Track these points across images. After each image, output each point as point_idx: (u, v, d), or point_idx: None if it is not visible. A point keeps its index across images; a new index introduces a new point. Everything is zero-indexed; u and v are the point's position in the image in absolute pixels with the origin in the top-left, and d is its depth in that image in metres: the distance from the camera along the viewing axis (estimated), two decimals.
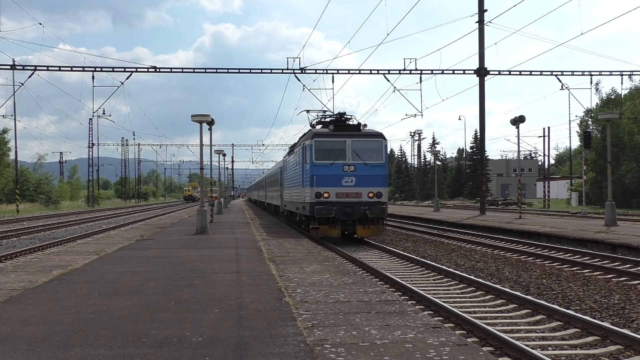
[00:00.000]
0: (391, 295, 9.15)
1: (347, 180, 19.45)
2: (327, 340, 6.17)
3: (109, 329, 6.75)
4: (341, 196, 19.39)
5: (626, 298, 11.08)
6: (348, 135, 20.21)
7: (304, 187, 20.86)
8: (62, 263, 13.93)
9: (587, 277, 13.74)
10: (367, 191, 19.54)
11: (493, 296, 11.25)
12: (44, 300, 8.76)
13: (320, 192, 19.37)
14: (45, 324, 7.05)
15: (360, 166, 19.59)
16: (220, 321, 7.10)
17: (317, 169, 19.65)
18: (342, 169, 19.50)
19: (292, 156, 26.72)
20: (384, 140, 20.62)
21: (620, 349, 7.58)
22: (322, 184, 19.42)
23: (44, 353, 5.74)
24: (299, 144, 23.95)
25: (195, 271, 11.76)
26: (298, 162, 22.96)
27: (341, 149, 19.82)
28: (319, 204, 19.27)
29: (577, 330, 8.54)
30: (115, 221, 40.70)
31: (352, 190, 19.47)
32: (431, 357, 5.57)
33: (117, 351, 5.78)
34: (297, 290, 9.42)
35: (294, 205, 25.36)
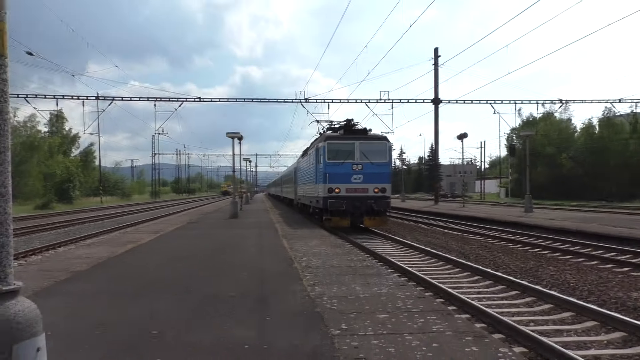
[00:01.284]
0: (370, 262, 9.16)
1: (356, 177, 17.20)
2: (324, 294, 6.19)
3: (168, 286, 6.78)
4: (351, 191, 17.12)
5: (539, 264, 11.10)
6: (356, 138, 17.88)
7: (318, 184, 18.32)
8: (134, 239, 13.92)
9: (511, 249, 13.76)
10: (373, 187, 17.27)
11: (444, 262, 11.26)
12: (121, 265, 8.79)
13: (332, 188, 17.07)
14: (121, 283, 7.08)
15: (367, 165, 17.31)
16: (248, 281, 7.12)
17: (329, 167, 17.29)
18: (351, 168, 17.25)
19: (305, 158, 23.90)
20: (387, 142, 18.26)
21: (534, 300, 7.60)
22: (334, 180, 17.15)
23: (121, 303, 5.76)
24: (312, 146, 21.44)
25: (229, 245, 11.79)
26: (312, 162, 20.17)
27: (350, 150, 17.52)
28: (331, 198, 16.98)
29: (503, 287, 8.56)
30: (171, 209, 40.63)
31: (360, 186, 17.20)
32: (399, 305, 5.58)
33: (174, 302, 5.80)
34: (303, 259, 9.42)
35: (307, 199, 22.52)
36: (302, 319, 5.02)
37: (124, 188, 79.15)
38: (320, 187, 17.81)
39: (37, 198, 44.14)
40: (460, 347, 4.11)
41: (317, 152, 18.63)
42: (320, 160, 18.00)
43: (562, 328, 6.15)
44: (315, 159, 18.92)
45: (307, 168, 21.94)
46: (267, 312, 5.29)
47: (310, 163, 20.89)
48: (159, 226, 19.71)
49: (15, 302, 2.34)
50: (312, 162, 19.79)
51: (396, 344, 4.20)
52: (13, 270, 2.40)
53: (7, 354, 2.25)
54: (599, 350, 5.35)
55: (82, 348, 4.16)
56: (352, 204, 16.92)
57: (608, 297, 7.80)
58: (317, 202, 18.61)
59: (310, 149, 21.53)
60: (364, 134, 18.35)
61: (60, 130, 62.38)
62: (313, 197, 19.89)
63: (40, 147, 49.40)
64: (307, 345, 4.20)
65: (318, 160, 18.37)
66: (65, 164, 53.18)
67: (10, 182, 2.40)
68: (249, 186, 62.58)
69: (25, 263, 11.02)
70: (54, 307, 5.58)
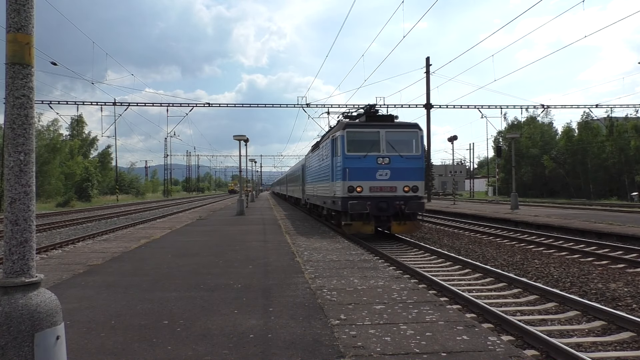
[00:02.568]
0: (367, 256, 9.13)
1: (382, 173, 13.49)
2: (324, 286, 6.17)
3: (178, 279, 6.75)
4: (375, 190, 13.51)
5: (525, 257, 11.08)
6: (382, 126, 13.93)
7: (335, 181, 14.51)
8: (147, 235, 13.90)
9: (499, 244, 13.73)
10: (403, 185, 13.58)
11: (436, 257, 11.23)
12: (135, 259, 8.77)
13: (353, 186, 13.46)
14: (135, 275, 7.06)
15: (395, 158, 13.59)
16: (253, 274, 7.10)
17: (349, 161, 13.58)
18: (375, 162, 13.54)
19: (316, 152, 19.42)
20: (419, 130, 14.27)
21: (521, 291, 7.58)
22: (355, 177, 13.52)
23: (135, 295, 5.74)
24: (326, 137, 16.91)
25: (236, 240, 11.76)
26: (325, 156, 16.15)
27: (375, 140, 13.78)
28: (352, 198, 13.35)
29: (492, 279, 8.54)
30: (182, 207, 40.61)
31: (386, 184, 13.54)
32: (394, 297, 5.56)
33: (184, 294, 5.77)
34: (305, 253, 9.40)
35: (319, 199, 18.34)
36: (303, 310, 5.00)
37: (138, 187, 79.15)
38: (337, 186, 14.11)
39: (58, 196, 44.20)
40: (452, 336, 4.09)
41: (333, 144, 14.86)
42: (337, 153, 14.21)
43: (546, 317, 6.13)
44: (331, 151, 15.07)
45: (320, 163, 17.87)
46: (270, 304, 5.27)
47: (323, 157, 16.93)
48: (170, 223, 19.70)
49: (37, 293, 2.34)
50: (327, 156, 15.82)
51: (392, 333, 4.18)
52: (35, 264, 2.39)
53: (29, 342, 2.24)
54: (580, 338, 5.33)
55: (99, 336, 4.15)
56: (378, 206, 13.37)
57: (589, 288, 7.78)
58: (333, 203, 14.84)
59: (324, 140, 17.29)
60: (391, 120, 14.50)
61: (80, 133, 62.71)
62: (327, 197, 15.96)
63: (61, 149, 49.51)
64: (308, 334, 4.18)
65: (335, 152, 14.67)
66: (85, 165, 53.21)
67: (34, 181, 2.40)
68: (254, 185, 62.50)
69: (46, 257, 11.01)
70: (73, 298, 5.57)
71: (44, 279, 2.38)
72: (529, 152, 52.08)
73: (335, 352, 3.70)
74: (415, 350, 3.75)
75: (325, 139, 16.70)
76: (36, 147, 2.62)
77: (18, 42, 2.37)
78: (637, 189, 40.65)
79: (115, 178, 61.04)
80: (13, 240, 2.33)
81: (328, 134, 16.57)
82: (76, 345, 3.91)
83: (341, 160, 13.67)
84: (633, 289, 7.60)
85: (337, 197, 14.07)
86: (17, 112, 2.36)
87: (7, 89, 2.36)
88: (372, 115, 14.72)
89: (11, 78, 2.36)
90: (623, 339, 5.23)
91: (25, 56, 2.39)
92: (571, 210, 23.54)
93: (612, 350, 4.95)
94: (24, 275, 2.33)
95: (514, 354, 3.68)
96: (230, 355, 3.68)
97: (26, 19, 2.39)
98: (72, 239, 14.86)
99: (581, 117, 49.37)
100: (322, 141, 17.85)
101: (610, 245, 11.95)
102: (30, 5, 2.41)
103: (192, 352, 3.74)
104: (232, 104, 40.60)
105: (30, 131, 2.38)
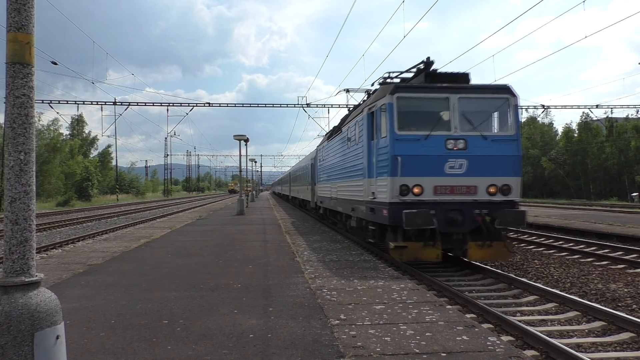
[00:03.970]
0: (367, 256, 9.13)
1: (453, 164, 8.44)
2: (324, 286, 6.16)
3: (178, 278, 6.75)
4: (443, 192, 8.42)
5: (525, 258, 11.06)
6: (452, 89, 8.71)
7: (374, 178, 9.33)
8: (147, 234, 13.91)
9: None
10: (487, 183, 8.54)
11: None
12: (135, 259, 8.77)
13: (408, 186, 8.36)
14: (135, 275, 7.06)
15: (475, 140, 8.52)
16: (253, 273, 7.10)
17: (401, 145, 8.43)
18: (444, 146, 8.45)
19: (336, 138, 13.67)
20: (512, 96, 8.89)
21: (521, 291, 7.56)
22: (411, 170, 8.37)
23: (135, 294, 5.74)
24: (354, 114, 11.44)
25: (235, 240, 11.76)
26: (355, 141, 10.98)
27: (441, 112, 8.77)
28: (406, 205, 8.21)
29: (492, 280, 8.50)
30: (182, 207, 40.60)
31: (461, 181, 8.47)
32: (394, 297, 5.56)
33: (184, 293, 5.77)
34: (305, 253, 9.40)
35: (343, 204, 12.66)
36: (303, 310, 5.00)
37: (139, 187, 79.17)
38: (380, 184, 8.96)
39: (59, 196, 44.22)
40: (451, 336, 4.09)
41: (370, 120, 9.63)
42: (381, 133, 8.97)
43: (546, 318, 6.12)
44: (366, 132, 9.83)
45: (343, 153, 12.56)
46: (270, 303, 5.27)
47: (349, 144, 11.74)
48: (170, 222, 19.71)
49: (36, 293, 2.34)
50: (357, 141, 10.77)
51: (392, 334, 4.18)
52: (35, 263, 2.39)
53: (29, 341, 2.24)
54: (580, 338, 5.33)
55: (99, 336, 4.15)
56: (446, 217, 8.26)
57: (589, 289, 7.77)
58: (370, 211, 9.61)
59: (350, 120, 11.82)
60: (464, 81, 9.16)
61: (81, 133, 62.85)
62: (358, 202, 10.68)
63: (61, 149, 49.57)
64: (308, 334, 4.18)
65: (374, 133, 9.43)
66: (85, 164, 53.22)
67: (35, 181, 2.40)
68: (254, 185, 62.51)
69: (46, 256, 11.01)
70: (73, 298, 5.57)
71: (44, 278, 2.38)
72: (529, 152, 52.11)
73: (335, 352, 3.70)
74: (415, 351, 3.75)
75: (354, 116, 11.41)
76: (36, 146, 2.62)
77: (18, 41, 2.37)
78: (637, 189, 40.68)
79: (115, 178, 61.06)
80: (13, 239, 2.33)
81: (358, 110, 11.31)
82: (76, 344, 3.90)
83: (388, 144, 8.43)
84: (633, 290, 7.59)
85: (378, 202, 8.95)
86: (17, 112, 2.36)
87: (7, 89, 2.36)
88: (434, 75, 9.17)
89: (11, 77, 2.36)
90: (623, 339, 5.22)
91: (26, 55, 2.39)
92: (571, 211, 23.53)
93: (612, 351, 4.95)
94: (24, 275, 2.33)
95: (514, 354, 3.68)
96: (230, 355, 3.67)
97: (26, 19, 2.39)
98: (72, 238, 14.86)
99: (581, 117, 49.43)
100: (347, 122, 12.39)
101: (610, 245, 11.95)
102: (31, 4, 2.41)
103: (192, 352, 3.73)
104: (233, 103, 40.77)
105: (30, 130, 2.39)
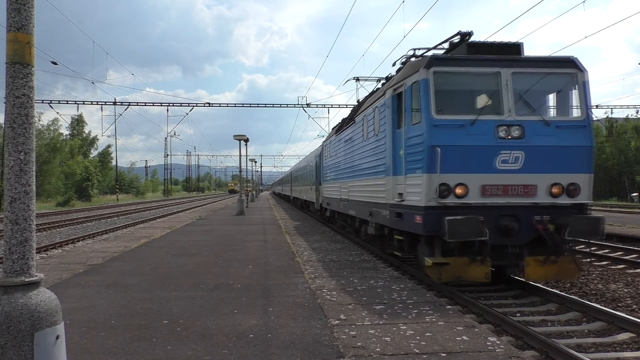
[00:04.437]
0: (367, 256, 9.13)
1: (507, 157, 6.21)
2: (324, 286, 6.17)
3: (178, 278, 6.76)
4: (494, 193, 6.26)
5: None
6: (505, 62, 6.56)
7: (401, 175, 7.21)
8: (147, 234, 13.91)
9: None
10: (551, 181, 6.34)
11: None
12: (134, 259, 8.77)
13: (450, 185, 6.21)
14: (135, 275, 7.06)
15: (535, 127, 6.34)
16: (253, 273, 7.10)
17: (441, 132, 6.25)
18: (494, 134, 6.25)
19: (348, 131, 11.37)
20: (579, 71, 6.67)
21: (521, 292, 7.55)
22: (452, 165, 6.18)
23: (135, 294, 5.74)
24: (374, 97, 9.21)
25: (236, 240, 11.76)
26: (374, 131, 8.77)
27: (490, 91, 6.57)
28: (447, 209, 6.17)
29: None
30: (182, 207, 40.59)
31: (517, 179, 6.27)
32: (394, 297, 5.57)
33: (184, 293, 5.78)
34: (305, 253, 9.40)
35: (356, 207, 10.61)
36: (303, 310, 5.00)
37: (139, 187, 79.22)
38: (410, 183, 6.91)
39: (59, 196, 44.24)
40: (451, 337, 4.09)
41: (395, 104, 7.59)
42: (414, 117, 6.92)
43: (546, 318, 6.12)
44: (390, 119, 7.76)
45: (356, 148, 10.46)
46: (270, 304, 5.27)
47: (365, 136, 9.56)
48: (170, 222, 19.71)
49: (36, 293, 2.34)
50: (377, 131, 8.60)
51: (392, 334, 4.18)
52: (35, 263, 2.40)
53: (28, 341, 2.24)
54: (580, 338, 5.32)
55: (99, 336, 4.15)
56: (497, 225, 6.40)
57: (589, 289, 7.77)
58: (394, 216, 7.59)
59: (367, 107, 9.49)
60: (516, 52, 7.03)
61: (81, 133, 62.87)
62: (376, 205, 8.70)
63: (61, 149, 49.58)
64: (308, 334, 4.18)
65: (401, 119, 7.35)
66: (85, 164, 53.22)
67: (34, 181, 2.41)
68: (254, 185, 62.51)
69: (46, 256, 11.01)
70: (73, 298, 5.57)
71: (44, 278, 2.38)
72: None
73: (335, 352, 3.70)
74: (415, 351, 3.75)
75: (371, 102, 9.21)
76: (36, 146, 2.62)
77: (18, 41, 2.37)
78: (637, 189, 40.69)
79: (115, 178, 61.05)
80: (13, 239, 2.33)
81: (376, 95, 9.02)
82: (76, 344, 3.91)
83: (424, 131, 6.41)
84: (633, 290, 7.60)
85: (408, 205, 6.93)
86: (17, 112, 2.36)
87: (7, 88, 2.37)
88: (478, 45, 7.01)
89: (11, 77, 2.36)
90: (623, 339, 5.22)
91: (26, 55, 2.39)
92: None
93: (612, 351, 4.95)
94: (24, 275, 2.33)
95: (514, 354, 3.68)
96: (230, 355, 3.68)
97: (27, 18, 2.39)
98: (72, 238, 14.86)
99: None
100: (361, 111, 10.11)
101: (610, 245, 11.94)
102: (31, 4, 2.41)
103: (192, 352, 3.74)
104: (233, 103, 40.77)
105: (30, 130, 2.39)
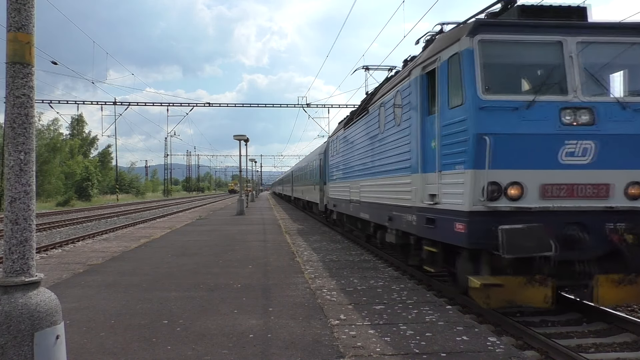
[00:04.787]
0: (367, 256, 9.13)
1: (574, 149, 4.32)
2: (324, 286, 6.17)
3: (178, 278, 6.76)
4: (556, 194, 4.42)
5: None
6: (568, 28, 4.62)
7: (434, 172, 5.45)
8: (147, 234, 13.91)
9: None
10: (628, 180, 4.47)
11: None
12: (134, 259, 8.77)
13: (501, 184, 4.37)
14: (135, 275, 7.06)
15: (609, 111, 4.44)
16: (253, 273, 7.10)
17: (490, 117, 4.38)
18: (558, 120, 4.37)
19: (361, 122, 9.78)
20: None
21: None
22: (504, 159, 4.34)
23: (135, 294, 5.74)
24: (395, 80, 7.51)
25: (236, 240, 11.76)
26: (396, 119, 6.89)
27: (551, 65, 4.56)
28: (499, 215, 4.38)
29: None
30: (182, 207, 40.57)
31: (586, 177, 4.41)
32: (394, 297, 5.56)
33: (184, 293, 5.78)
34: (305, 253, 9.40)
35: (371, 210, 9.01)
36: (303, 310, 5.00)
37: (139, 186, 79.20)
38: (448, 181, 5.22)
39: (59, 196, 44.23)
40: (451, 337, 4.09)
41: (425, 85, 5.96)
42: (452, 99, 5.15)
43: (546, 319, 6.12)
44: (418, 103, 6.04)
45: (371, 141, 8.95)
46: (270, 304, 5.27)
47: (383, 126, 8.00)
48: (170, 222, 19.71)
49: (36, 293, 2.34)
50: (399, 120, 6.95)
51: (392, 334, 4.18)
52: (35, 263, 2.40)
53: (28, 341, 2.25)
54: (580, 339, 5.32)
55: (99, 336, 4.15)
56: (562, 235, 4.64)
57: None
58: (423, 221, 5.95)
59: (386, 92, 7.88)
60: (581, 17, 5.12)
61: (81, 133, 62.88)
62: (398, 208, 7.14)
63: (61, 149, 49.60)
64: (308, 334, 4.18)
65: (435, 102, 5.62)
66: (85, 164, 53.23)
67: (34, 181, 2.41)
68: (254, 185, 62.50)
69: (46, 256, 11.01)
70: (73, 298, 5.57)
71: (44, 278, 2.38)
72: None
73: (335, 352, 3.70)
74: (415, 351, 3.75)
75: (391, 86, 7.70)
76: (36, 146, 2.63)
77: (18, 41, 2.37)
78: None
79: (115, 177, 61.03)
80: (13, 239, 2.34)
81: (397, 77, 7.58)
82: (76, 344, 3.91)
83: (468, 116, 4.84)
84: None
85: (444, 209, 5.39)
86: (17, 112, 2.36)
87: (7, 88, 2.37)
88: (533, 9, 5.35)
89: (11, 77, 2.36)
90: (624, 340, 5.22)
91: (26, 55, 2.39)
92: None
93: (613, 352, 4.95)
94: (24, 275, 2.33)
95: (514, 354, 3.68)
96: (230, 355, 3.68)
97: (27, 18, 2.40)
98: (72, 238, 14.85)
99: None
100: (376, 99, 8.71)
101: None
102: (31, 4, 2.42)
103: (192, 352, 3.74)
104: (233, 103, 40.91)
105: (30, 130, 2.39)
